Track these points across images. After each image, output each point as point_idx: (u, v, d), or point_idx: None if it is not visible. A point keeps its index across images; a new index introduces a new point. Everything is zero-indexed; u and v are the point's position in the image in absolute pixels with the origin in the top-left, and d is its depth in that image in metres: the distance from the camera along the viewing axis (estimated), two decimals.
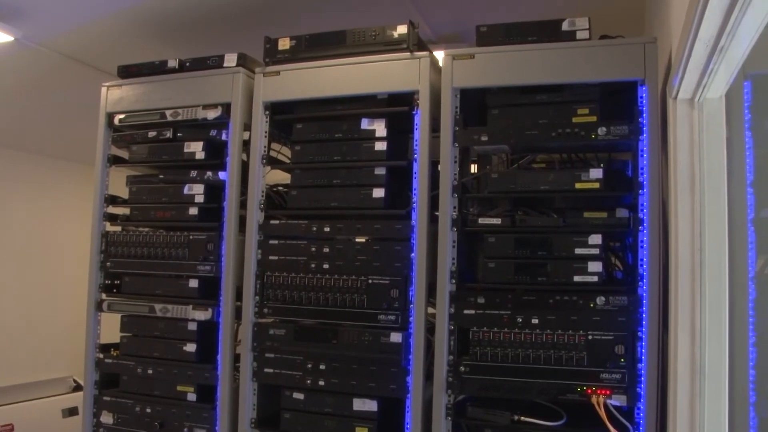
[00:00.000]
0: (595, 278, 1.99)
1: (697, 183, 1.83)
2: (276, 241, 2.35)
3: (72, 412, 4.04)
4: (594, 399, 1.94)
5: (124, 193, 2.71)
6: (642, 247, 1.95)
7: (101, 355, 2.64)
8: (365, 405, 2.20)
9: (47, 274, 4.35)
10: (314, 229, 2.31)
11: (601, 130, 2.00)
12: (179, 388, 2.48)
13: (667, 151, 1.93)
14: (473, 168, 2.49)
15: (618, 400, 1.94)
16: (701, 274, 1.83)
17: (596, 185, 2.02)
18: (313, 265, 2.28)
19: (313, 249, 2.29)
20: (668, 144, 1.89)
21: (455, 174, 2.14)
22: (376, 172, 2.25)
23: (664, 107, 1.94)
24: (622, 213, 2.01)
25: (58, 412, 4.10)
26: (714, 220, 1.81)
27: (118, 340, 2.64)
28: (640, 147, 1.98)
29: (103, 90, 2.70)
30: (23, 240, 4.22)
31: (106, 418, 2.60)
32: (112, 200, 2.71)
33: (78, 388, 3.16)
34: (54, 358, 4.31)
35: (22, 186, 4.22)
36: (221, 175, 2.46)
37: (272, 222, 2.38)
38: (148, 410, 2.52)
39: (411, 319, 2.15)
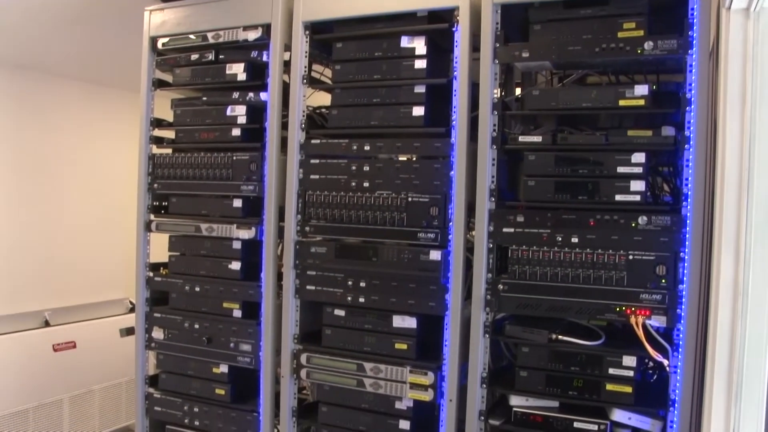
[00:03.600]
0: (638, 197, 1.95)
1: (748, 99, 1.76)
2: (317, 161, 2.36)
3: (129, 331, 4.21)
4: (633, 319, 1.93)
5: (169, 117, 2.75)
6: (687, 166, 1.90)
7: (151, 274, 2.74)
8: (404, 322, 2.24)
9: (100, 200, 4.48)
10: (354, 147, 2.31)
11: (648, 45, 1.93)
12: (225, 304, 2.56)
13: (718, 67, 1.85)
14: (518, 91, 2.44)
15: (657, 321, 1.92)
16: (748, 193, 1.78)
17: (641, 102, 1.96)
18: (353, 184, 2.30)
19: (354, 168, 2.30)
20: (719, 58, 1.82)
21: (495, 91, 2.10)
22: (416, 91, 2.22)
23: (718, 21, 1.86)
24: (667, 131, 1.95)
25: (116, 331, 4.28)
26: (765, 139, 1.75)
27: (166, 260, 2.73)
28: (689, 62, 1.90)
29: (146, 14, 2.71)
30: (74, 166, 4.34)
31: (158, 334, 2.71)
32: (158, 123, 2.75)
33: (134, 309, 3.31)
34: (110, 281, 4.49)
35: (70, 114, 4.31)
36: (263, 96, 2.47)
37: (313, 141, 2.39)
38: (197, 326, 2.61)
39: (450, 237, 2.16)
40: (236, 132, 2.53)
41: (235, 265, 2.53)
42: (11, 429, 3.64)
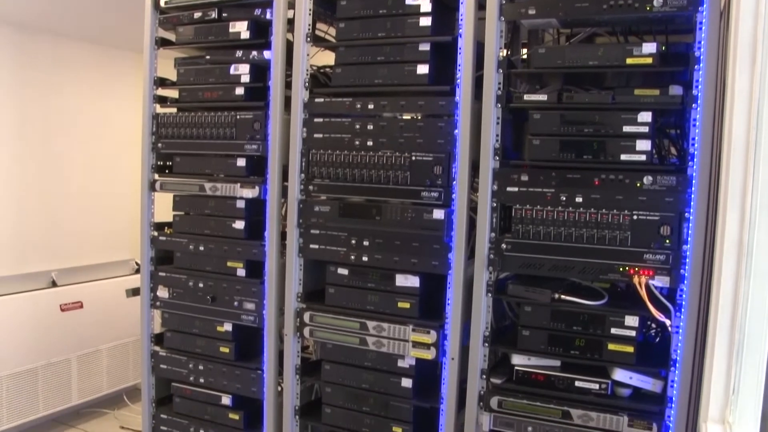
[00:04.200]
0: (643, 157, 1.93)
1: (758, 58, 1.73)
2: (321, 120, 2.35)
3: (135, 292, 4.24)
4: (636, 279, 1.93)
5: (173, 77, 2.73)
6: (694, 125, 1.88)
7: (156, 233, 2.74)
8: (407, 281, 2.25)
9: (105, 160, 4.49)
10: (358, 106, 2.29)
11: (657, 2, 1.89)
12: (229, 263, 2.57)
13: (728, 25, 1.82)
14: (524, 52, 2.41)
15: (661, 281, 1.92)
16: (755, 153, 1.76)
17: (649, 60, 1.92)
18: (357, 143, 2.29)
19: (358, 126, 2.29)
20: (730, 16, 1.78)
21: (501, 49, 2.07)
22: (420, 48, 2.19)
23: None
24: (675, 90, 1.92)
25: (122, 291, 4.32)
26: None
27: (171, 219, 2.74)
28: (699, 20, 1.86)
29: None
30: (79, 127, 4.33)
31: (162, 293, 2.73)
32: (161, 83, 2.74)
33: (140, 270, 3.33)
34: (116, 242, 4.52)
35: (74, 75, 4.29)
36: (266, 54, 2.45)
37: (317, 100, 2.37)
38: (201, 285, 2.63)
39: (454, 196, 2.15)
40: (240, 91, 2.51)
41: (239, 225, 2.54)
42: (21, 386, 3.70)
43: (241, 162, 2.51)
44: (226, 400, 2.64)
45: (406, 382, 2.28)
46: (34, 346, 3.77)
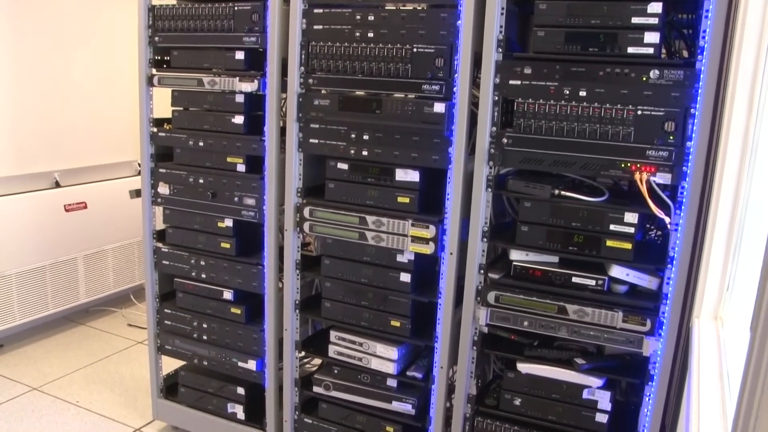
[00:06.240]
0: (651, 50, 1.87)
1: None
2: (321, 10, 2.27)
3: (138, 193, 4.22)
4: (637, 176, 1.91)
5: None
6: (706, 16, 1.81)
7: (155, 129, 2.72)
8: (407, 175, 2.23)
9: (105, 59, 4.39)
10: None
11: None
12: (229, 159, 2.56)
13: None
14: None
15: (663, 178, 1.90)
16: None
17: None
18: (357, 34, 2.22)
19: (358, 17, 2.21)
20: None
21: None
22: None
23: None
24: None
25: (125, 192, 4.33)
26: None
27: (170, 116, 2.71)
28: None
29: None
30: (76, 23, 4.22)
31: (163, 189, 2.72)
32: None
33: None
34: (118, 143, 4.47)
35: None
36: None
37: None
38: (201, 181, 2.62)
39: (455, 89, 2.10)
40: None
41: (238, 119, 2.50)
42: (31, 284, 3.77)
43: (240, 55, 2.45)
44: (227, 294, 2.68)
45: (405, 277, 2.30)
46: (41, 245, 3.82)
